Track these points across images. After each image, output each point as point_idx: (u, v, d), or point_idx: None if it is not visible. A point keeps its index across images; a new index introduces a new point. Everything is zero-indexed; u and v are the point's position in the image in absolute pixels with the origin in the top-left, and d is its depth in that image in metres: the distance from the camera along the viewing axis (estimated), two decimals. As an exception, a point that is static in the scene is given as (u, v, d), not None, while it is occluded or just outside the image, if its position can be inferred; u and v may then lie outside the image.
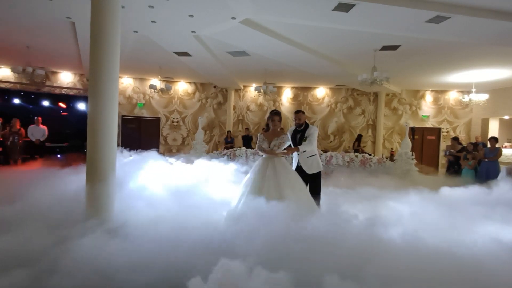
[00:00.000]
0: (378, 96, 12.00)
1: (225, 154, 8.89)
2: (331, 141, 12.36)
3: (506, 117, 11.13)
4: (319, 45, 7.47)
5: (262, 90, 10.00)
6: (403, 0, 5.01)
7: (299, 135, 4.15)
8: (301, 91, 12.43)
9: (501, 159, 7.52)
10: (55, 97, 10.34)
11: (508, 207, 3.88)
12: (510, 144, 10.78)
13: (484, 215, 3.61)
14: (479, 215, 3.59)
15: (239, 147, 9.70)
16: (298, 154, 4.11)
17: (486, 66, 8.38)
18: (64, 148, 9.68)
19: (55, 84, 11.12)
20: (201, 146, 9.53)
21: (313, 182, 4.15)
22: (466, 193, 4.91)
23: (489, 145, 7.42)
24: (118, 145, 12.89)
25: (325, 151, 9.41)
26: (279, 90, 12.30)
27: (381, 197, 4.83)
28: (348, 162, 8.50)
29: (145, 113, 12.21)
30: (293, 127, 4.29)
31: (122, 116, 11.84)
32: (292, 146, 4.10)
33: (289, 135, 4.10)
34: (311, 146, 4.11)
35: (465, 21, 5.48)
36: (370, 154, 9.33)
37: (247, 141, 10.74)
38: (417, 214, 3.73)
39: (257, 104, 12.56)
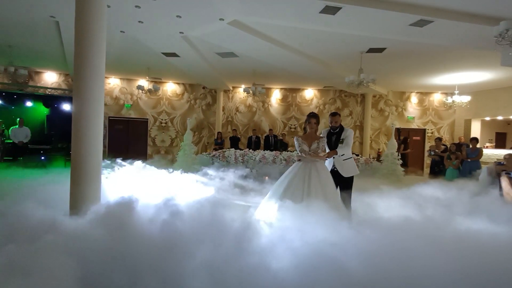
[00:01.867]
0: (365, 97, 12.19)
1: (214, 156, 8.85)
2: (319, 142, 12.48)
3: (488, 118, 11.50)
4: (307, 46, 7.54)
5: (251, 91, 10.02)
6: (388, 4, 5.12)
7: (334, 137, 4.06)
8: (290, 92, 12.52)
9: (482, 159, 7.77)
10: (39, 98, 10.08)
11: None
12: (491, 144, 11.14)
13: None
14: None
15: (228, 148, 9.67)
16: (334, 157, 3.99)
17: (468, 69, 8.64)
18: (48, 150, 9.44)
19: (38, 84, 10.84)
20: (189, 148, 9.47)
21: (347, 185, 4.00)
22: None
23: (471, 146, 7.65)
24: (104, 147, 12.64)
25: (314, 152, 9.49)
26: (268, 91, 12.34)
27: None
28: (336, 162, 8.59)
29: (132, 114, 12.04)
30: (327, 128, 4.21)
31: (109, 117, 11.65)
32: (327, 149, 4.02)
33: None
34: (349, 148, 4.06)
35: (447, 25, 5.64)
36: (357, 155, 9.46)
37: (235, 142, 10.72)
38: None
39: (246, 105, 12.57)
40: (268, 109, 12.57)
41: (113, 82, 11.82)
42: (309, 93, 12.51)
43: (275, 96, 12.57)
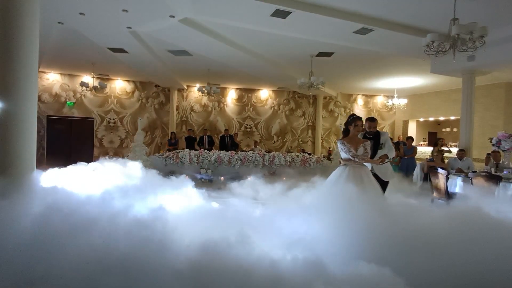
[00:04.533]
0: (317, 99, 12.79)
1: (167, 157, 8.55)
2: (274, 142, 12.79)
3: (421, 119, 12.82)
4: (259, 48, 7.67)
5: (205, 91, 9.88)
6: (333, 11, 5.44)
7: (372, 142, 3.89)
8: (245, 93, 12.61)
9: (417, 156, 8.64)
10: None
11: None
12: (425, 142, 12.46)
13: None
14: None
15: (183, 149, 9.42)
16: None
17: (404, 74, 9.55)
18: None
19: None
20: (140, 149, 9.02)
21: (385, 189, 3.87)
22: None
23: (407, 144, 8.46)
24: (43, 149, 11.40)
25: (269, 151, 9.69)
26: (223, 91, 12.29)
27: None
28: (289, 162, 8.87)
29: (76, 113, 11.11)
30: (362, 132, 3.97)
31: (48, 116, 10.60)
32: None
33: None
34: (393, 151, 3.97)
35: (386, 34, 6.17)
36: (310, 154, 9.88)
37: (191, 143, 10.49)
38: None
39: (201, 105, 12.37)
40: (224, 109, 12.52)
41: (52, 78, 10.79)
42: (264, 94, 12.74)
43: (231, 96, 12.56)
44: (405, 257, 1.97)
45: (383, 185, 3.82)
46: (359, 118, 3.55)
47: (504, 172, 5.04)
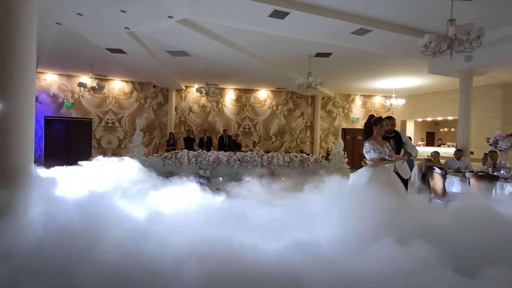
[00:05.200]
0: (315, 99, 12.81)
1: (165, 157, 8.54)
2: (273, 142, 12.80)
3: (419, 119, 12.86)
4: (258, 48, 7.68)
5: (204, 91, 9.88)
6: (331, 12, 5.45)
7: (392, 142, 3.94)
8: (244, 93, 12.62)
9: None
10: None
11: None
12: (423, 143, 12.50)
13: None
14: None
15: (181, 149, 9.41)
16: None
17: (402, 75, 9.57)
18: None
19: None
20: (139, 149, 9.01)
21: (406, 186, 3.93)
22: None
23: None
24: (41, 150, 11.39)
25: (267, 151, 9.70)
26: (222, 91, 12.30)
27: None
28: (288, 162, 8.88)
29: (74, 114, 11.08)
30: None
31: (45, 116, 10.57)
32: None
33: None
34: (415, 149, 4.07)
35: (383, 35, 6.19)
36: (308, 154, 9.89)
37: (189, 143, 10.49)
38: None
39: (199, 105, 12.37)
40: (222, 109, 12.52)
41: (50, 78, 10.76)
42: (263, 94, 12.74)
43: (229, 97, 12.57)
44: None
45: (405, 183, 3.84)
46: (383, 119, 3.56)
47: (502, 172, 5.04)
